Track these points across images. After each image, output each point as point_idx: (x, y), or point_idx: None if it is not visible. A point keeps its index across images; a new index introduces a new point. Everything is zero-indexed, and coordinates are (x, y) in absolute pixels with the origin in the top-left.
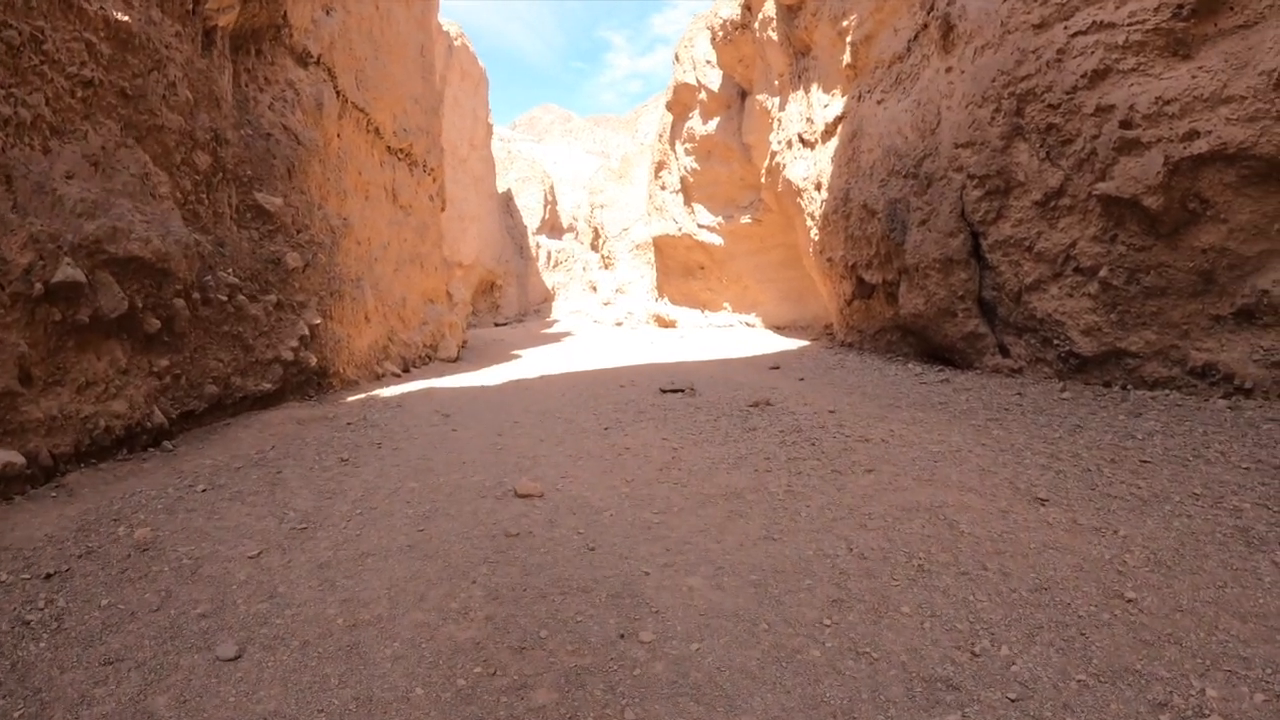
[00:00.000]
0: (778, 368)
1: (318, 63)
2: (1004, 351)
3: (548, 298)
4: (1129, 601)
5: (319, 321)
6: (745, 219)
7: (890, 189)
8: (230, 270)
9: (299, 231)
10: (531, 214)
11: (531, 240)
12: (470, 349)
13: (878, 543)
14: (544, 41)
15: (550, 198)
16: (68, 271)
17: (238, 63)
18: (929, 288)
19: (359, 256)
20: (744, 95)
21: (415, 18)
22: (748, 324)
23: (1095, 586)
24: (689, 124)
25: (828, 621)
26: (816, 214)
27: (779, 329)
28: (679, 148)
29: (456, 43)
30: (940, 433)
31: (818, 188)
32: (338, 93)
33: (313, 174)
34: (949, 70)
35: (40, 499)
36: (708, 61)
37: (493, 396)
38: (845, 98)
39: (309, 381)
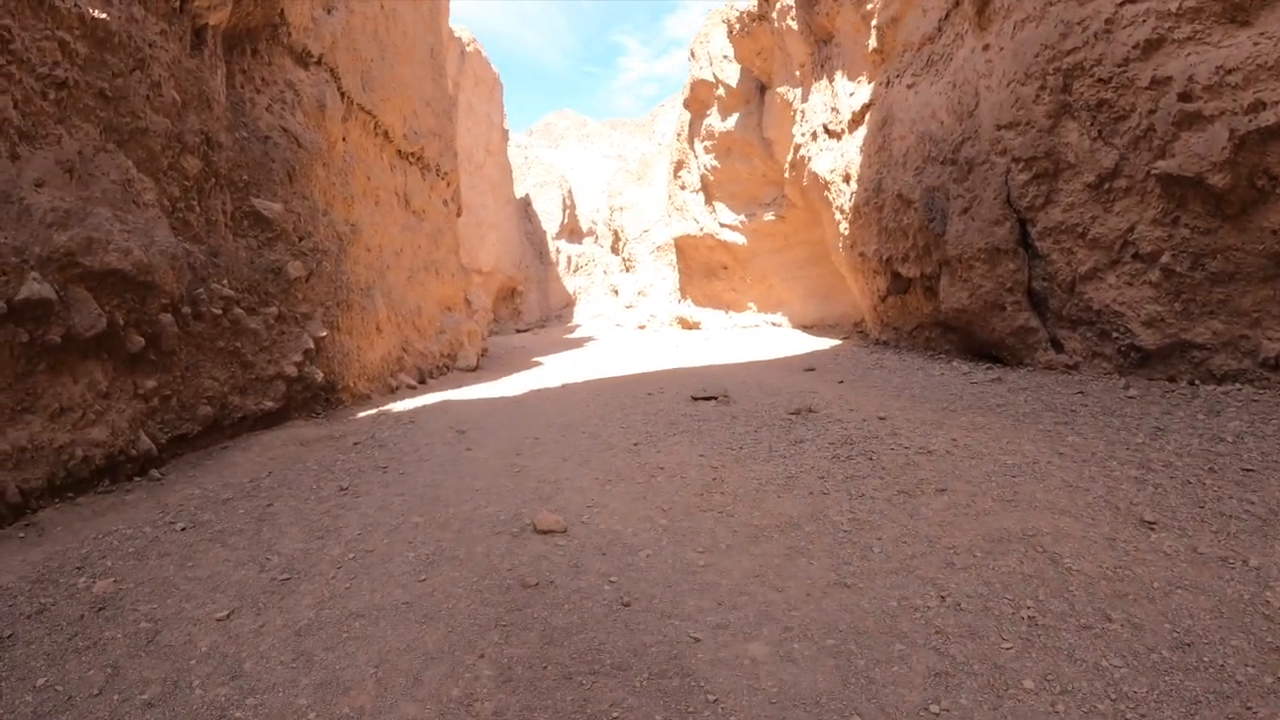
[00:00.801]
0: (813, 369)
1: (319, 63)
2: (1057, 346)
3: (569, 303)
4: None
5: (325, 334)
6: (768, 216)
7: (927, 177)
8: (226, 282)
9: (301, 239)
10: (550, 219)
11: (551, 245)
12: (491, 357)
13: (973, 587)
14: (557, 46)
15: (569, 202)
16: (34, 288)
17: (232, 63)
18: (974, 280)
19: (369, 264)
20: (763, 89)
21: (424, 19)
22: (774, 324)
23: (1245, 639)
24: (707, 121)
25: (936, 709)
26: (846, 207)
27: (806, 328)
28: (698, 146)
29: (469, 48)
30: (1008, 440)
31: (846, 179)
32: (342, 94)
33: (316, 178)
34: (986, 48)
35: (6, 540)
36: (725, 57)
37: (512, 409)
38: (872, 84)
39: (316, 398)
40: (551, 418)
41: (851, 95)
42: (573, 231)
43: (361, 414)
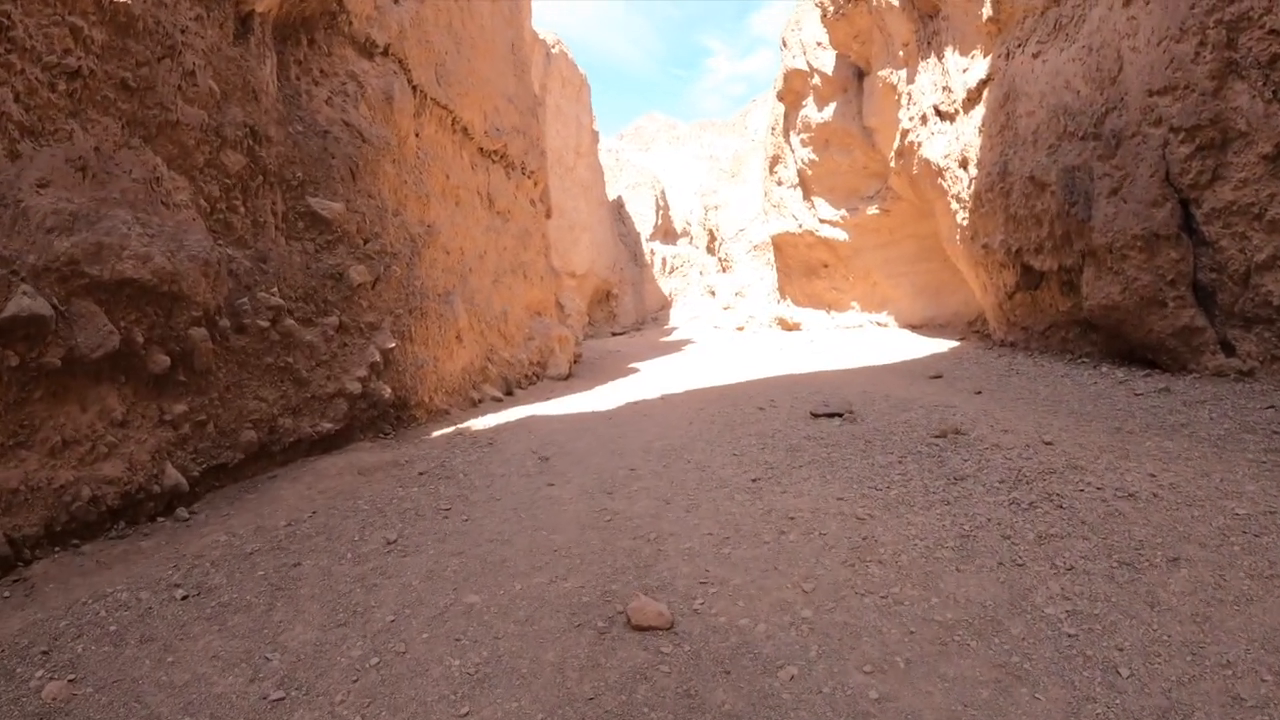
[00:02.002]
0: (940, 377)
1: (385, 53)
2: (1227, 349)
3: (665, 304)
4: None
5: (394, 345)
6: (871, 210)
7: (1064, 155)
8: (276, 289)
9: (367, 241)
10: (644, 220)
11: (645, 247)
12: (584, 363)
13: None
14: (643, 51)
15: (662, 203)
16: (24, 303)
17: (286, 54)
18: (1127, 272)
19: (448, 268)
20: (861, 75)
21: (502, 13)
22: (879, 324)
23: None
24: (803, 113)
25: None
26: (964, 195)
27: (915, 328)
28: (794, 139)
29: (554, 50)
30: (1221, 477)
31: (963, 164)
32: (414, 87)
33: (384, 175)
34: (1128, 3)
35: None
36: (818, 43)
37: (604, 428)
38: (989, 58)
39: (383, 416)
40: (649, 440)
41: (965, 72)
42: (667, 233)
43: (436, 433)
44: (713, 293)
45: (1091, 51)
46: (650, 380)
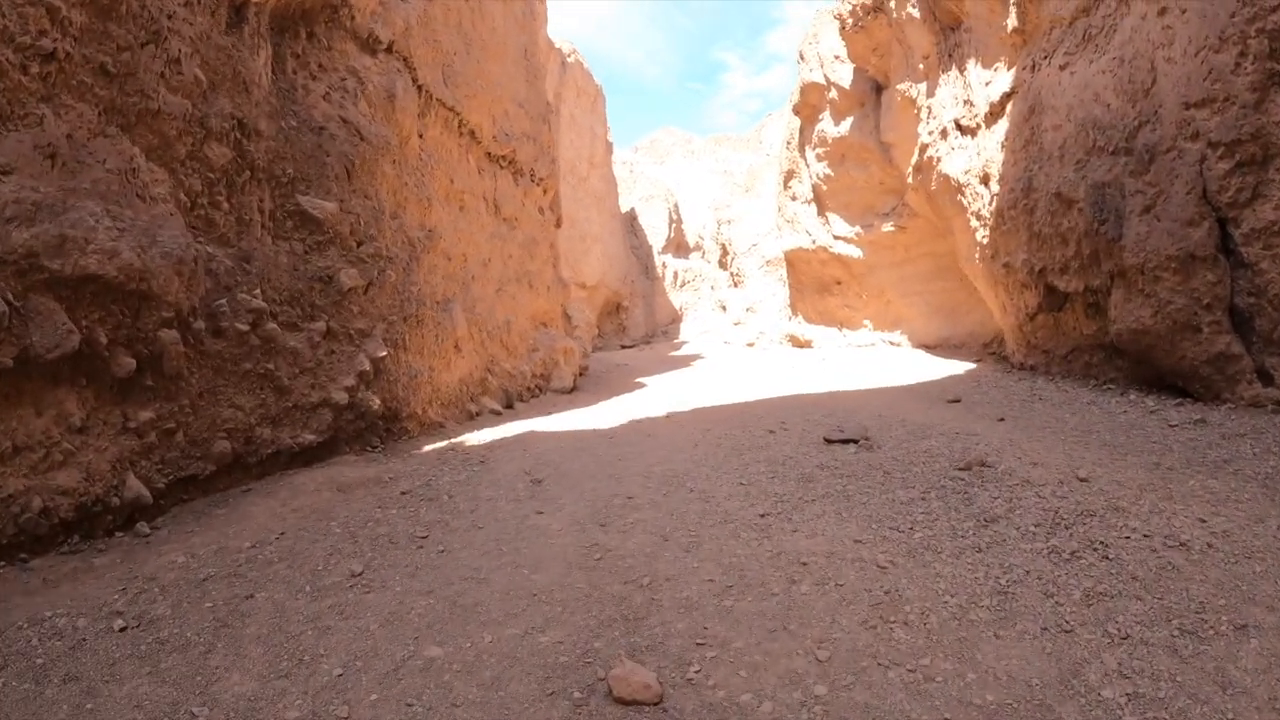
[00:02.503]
0: (958, 401)
1: (389, 50)
2: (1265, 378)
3: (675, 318)
4: None
5: (385, 353)
6: (887, 227)
7: (1093, 171)
8: (258, 292)
9: (360, 244)
10: (656, 233)
11: (657, 260)
12: (591, 376)
13: None
14: (659, 65)
15: (675, 216)
16: None
17: (283, 46)
18: (1160, 294)
19: (449, 275)
20: (879, 90)
21: (516, 18)
22: (892, 343)
23: None
24: (819, 127)
25: None
26: (984, 212)
27: (929, 348)
28: (809, 154)
29: (570, 59)
30: (1276, 521)
31: (984, 180)
32: (419, 87)
33: (382, 176)
34: (1162, 12)
35: None
36: (836, 57)
37: (603, 448)
38: (1013, 70)
39: (372, 428)
40: (651, 463)
41: (988, 85)
42: (679, 246)
43: (428, 447)
44: (724, 307)
45: (1123, 63)
46: (656, 396)
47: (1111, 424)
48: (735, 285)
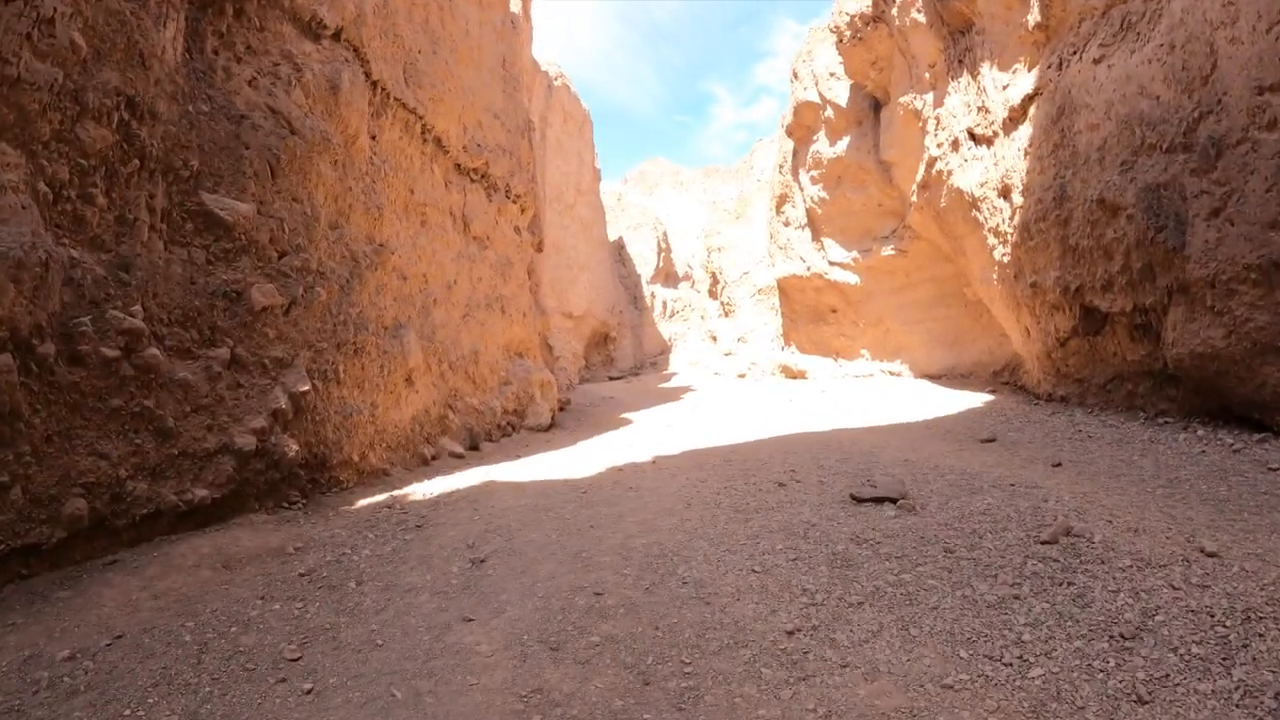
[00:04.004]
0: (993, 440)
1: (336, 38)
2: None
3: (664, 349)
4: None
5: (308, 388)
6: (887, 250)
7: (1143, 172)
8: (138, 308)
9: (283, 255)
10: (645, 262)
11: (646, 290)
12: (573, 410)
13: None
14: (647, 97)
15: (664, 245)
16: None
17: (203, 22)
18: (1235, 310)
19: (402, 296)
20: (878, 107)
21: (494, 26)
22: (891, 373)
23: None
24: (813, 148)
25: None
26: (1004, 227)
27: (932, 378)
28: (803, 176)
29: (557, 83)
30: None
31: (1003, 193)
32: (373, 83)
33: (318, 177)
34: None
35: None
36: (831, 74)
37: (572, 507)
38: (1035, 69)
39: (289, 479)
40: (630, 533)
41: (1005, 88)
42: (668, 275)
43: (362, 502)
44: (714, 338)
45: (1174, 49)
46: (642, 435)
47: (1194, 468)
48: (726, 315)
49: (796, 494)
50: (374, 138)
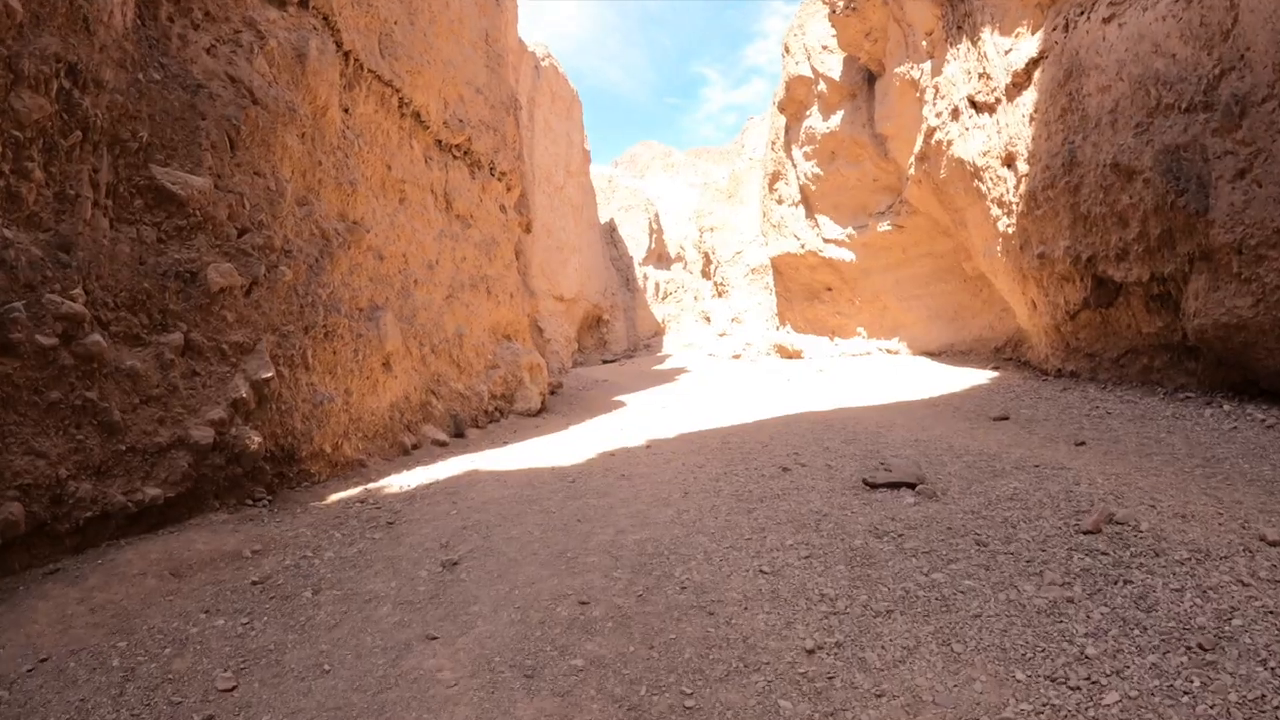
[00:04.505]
0: (1006, 418)
1: (304, 5)
2: None
3: (658, 331)
4: None
5: (272, 374)
6: (883, 226)
7: (1161, 133)
8: (79, 291)
9: (243, 232)
10: (636, 244)
11: (638, 271)
12: (564, 395)
13: None
14: (637, 80)
15: (656, 226)
16: None
17: None
18: (1264, 278)
19: (379, 276)
20: (872, 79)
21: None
22: (888, 350)
23: None
24: (806, 123)
25: None
26: (1008, 197)
27: (931, 355)
28: (796, 153)
29: (544, 63)
30: None
31: (1007, 162)
32: (345, 54)
33: (284, 150)
34: None
35: None
36: (824, 47)
37: (559, 498)
38: (1040, 32)
39: (253, 474)
40: (622, 527)
41: (1008, 53)
42: (660, 257)
43: (334, 496)
44: (708, 319)
45: (1190, 3)
46: (636, 419)
47: (1231, 446)
48: (719, 295)
49: (803, 479)
50: (347, 111)
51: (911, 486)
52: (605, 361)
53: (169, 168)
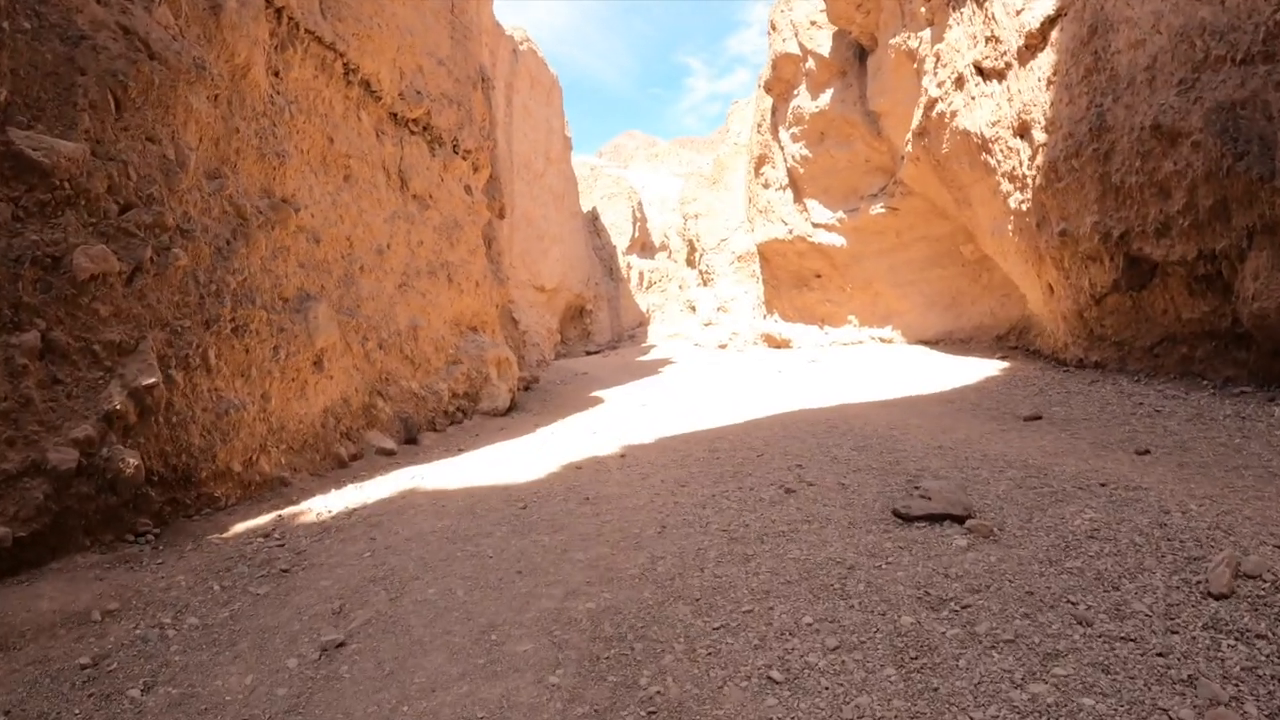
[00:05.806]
0: (1039, 418)
1: None
2: None
3: (642, 321)
4: None
5: (154, 380)
6: (875, 209)
7: (1212, 90)
8: None
9: (127, 208)
10: (620, 233)
11: (622, 261)
12: (540, 389)
13: None
14: (619, 70)
15: (639, 214)
16: None
17: None
18: None
19: (312, 262)
20: (863, 56)
21: None
22: (882, 339)
23: None
24: (794, 104)
25: None
26: (1022, 170)
27: (928, 344)
28: (783, 135)
29: (523, 47)
30: None
31: (1020, 132)
32: (277, 11)
33: (186, 113)
34: None
35: None
36: (812, 23)
37: (499, 537)
38: None
39: (134, 504)
40: (574, 586)
41: (1019, 13)
42: (644, 246)
43: (240, 526)
44: (693, 308)
45: None
46: (613, 419)
47: None
48: (705, 284)
49: (813, 505)
50: (277, 74)
51: (959, 520)
52: (589, 353)
53: (32, 131)
